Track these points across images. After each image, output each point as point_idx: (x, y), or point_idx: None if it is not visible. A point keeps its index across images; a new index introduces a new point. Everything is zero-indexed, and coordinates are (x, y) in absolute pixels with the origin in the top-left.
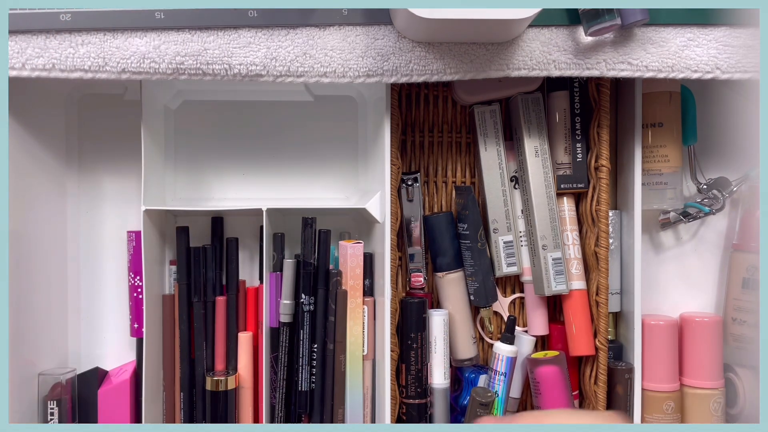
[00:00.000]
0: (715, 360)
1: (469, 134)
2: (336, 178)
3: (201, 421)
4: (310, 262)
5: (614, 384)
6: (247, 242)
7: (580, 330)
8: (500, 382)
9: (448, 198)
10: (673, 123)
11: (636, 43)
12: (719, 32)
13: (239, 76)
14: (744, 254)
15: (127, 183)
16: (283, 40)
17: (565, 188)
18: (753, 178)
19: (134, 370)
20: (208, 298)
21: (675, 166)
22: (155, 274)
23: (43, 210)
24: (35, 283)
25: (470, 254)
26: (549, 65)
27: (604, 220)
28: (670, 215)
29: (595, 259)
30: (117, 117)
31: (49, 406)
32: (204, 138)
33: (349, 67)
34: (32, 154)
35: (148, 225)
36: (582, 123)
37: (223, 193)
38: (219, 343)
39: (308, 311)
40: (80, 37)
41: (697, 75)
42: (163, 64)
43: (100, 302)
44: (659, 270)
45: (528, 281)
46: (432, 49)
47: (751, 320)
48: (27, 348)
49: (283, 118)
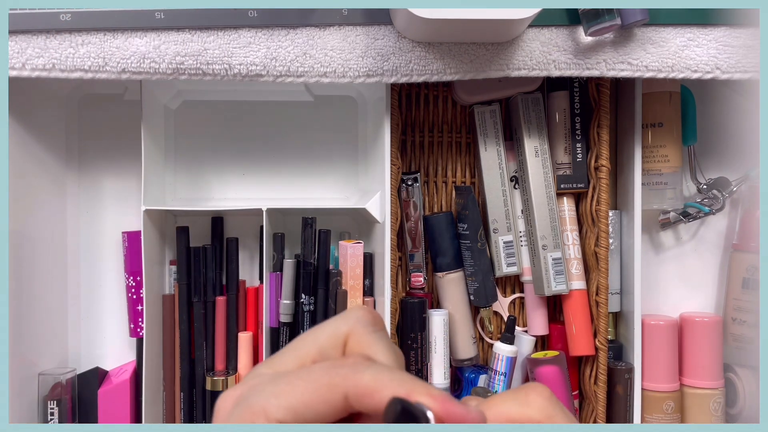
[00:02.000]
0: (715, 360)
1: (469, 134)
2: (336, 178)
3: (201, 421)
4: (310, 262)
5: (614, 384)
6: (247, 242)
7: (580, 330)
8: (500, 382)
9: (448, 198)
10: (673, 123)
11: (636, 43)
12: (719, 32)
13: (239, 76)
14: (744, 254)
15: (127, 183)
16: (283, 40)
17: (565, 188)
18: (753, 178)
19: (134, 370)
20: (208, 298)
21: (675, 166)
22: (155, 274)
23: (43, 210)
24: (35, 283)
25: (470, 254)
26: (549, 65)
27: (604, 220)
28: (670, 215)
29: (595, 259)
30: (117, 117)
31: (49, 406)
32: (204, 138)
33: (349, 67)
34: (32, 154)
35: (148, 225)
36: (582, 123)
37: (223, 193)
38: (219, 343)
39: (308, 311)
40: (80, 37)
41: (697, 75)
42: (163, 64)
43: (100, 302)
44: (659, 270)
45: (528, 281)
46: (432, 49)
47: (751, 320)
48: (27, 348)
49: (283, 118)
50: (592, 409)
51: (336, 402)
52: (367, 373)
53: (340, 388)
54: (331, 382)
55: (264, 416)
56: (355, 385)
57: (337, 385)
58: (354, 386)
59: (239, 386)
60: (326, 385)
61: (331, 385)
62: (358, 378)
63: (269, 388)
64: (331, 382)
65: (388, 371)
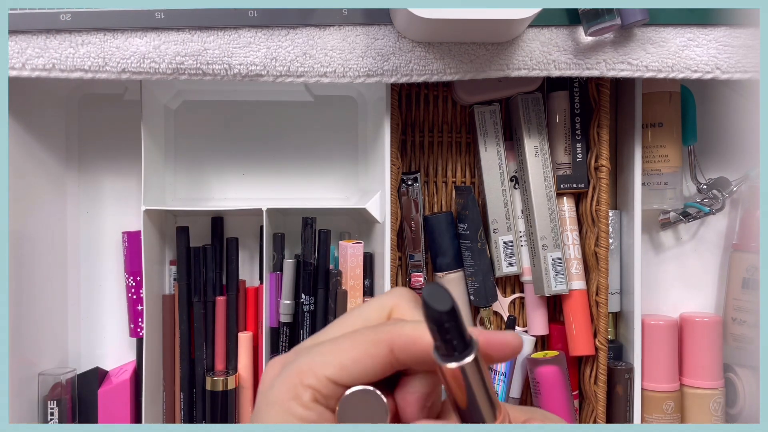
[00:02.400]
0: (715, 360)
1: (469, 134)
2: (336, 178)
3: (201, 421)
4: (310, 262)
5: (614, 384)
6: (247, 242)
7: (580, 330)
8: (500, 382)
9: (448, 198)
10: (673, 123)
11: (636, 43)
12: (719, 32)
13: (239, 76)
14: (744, 254)
15: (127, 183)
16: (283, 40)
17: (565, 188)
18: (753, 178)
19: (134, 370)
20: (208, 298)
21: (675, 166)
22: (155, 274)
23: (43, 210)
24: (35, 283)
25: (470, 254)
26: (549, 65)
27: (604, 220)
28: (670, 215)
29: (595, 259)
30: (117, 117)
31: (49, 406)
32: (204, 138)
33: (349, 67)
34: (32, 154)
35: (148, 225)
36: (582, 123)
37: (223, 193)
38: (219, 343)
39: (308, 311)
40: (80, 37)
41: (697, 75)
42: (163, 64)
43: (100, 302)
44: (659, 270)
45: (528, 281)
46: (432, 49)
47: (751, 320)
48: (27, 348)
49: (283, 118)
50: (592, 409)
51: (382, 356)
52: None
53: (385, 342)
54: (376, 338)
55: (313, 374)
56: (399, 336)
57: (382, 340)
58: (398, 337)
59: (287, 354)
60: (371, 341)
61: (376, 340)
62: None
63: (316, 349)
64: (376, 338)
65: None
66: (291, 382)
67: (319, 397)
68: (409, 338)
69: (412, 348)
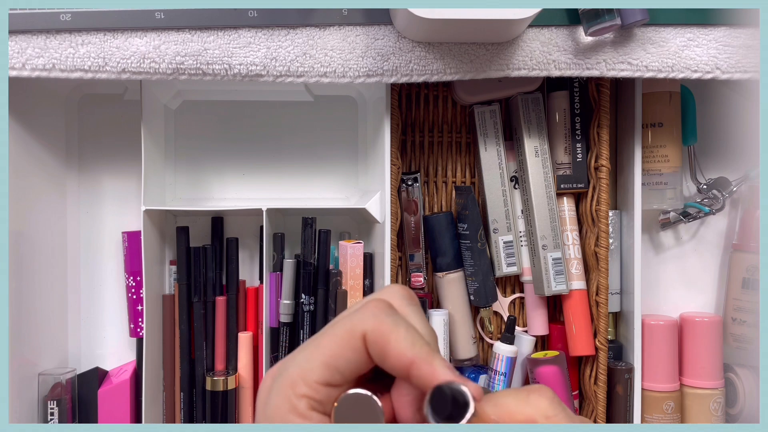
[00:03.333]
0: (715, 360)
1: (469, 134)
2: (336, 178)
3: (201, 421)
4: (310, 262)
5: (614, 384)
6: (247, 242)
7: (580, 330)
8: (500, 382)
9: (448, 198)
10: (673, 123)
11: (636, 43)
12: (719, 32)
13: (239, 76)
14: (744, 254)
15: (127, 183)
16: (283, 40)
17: (565, 188)
18: (753, 178)
19: (134, 370)
20: (208, 298)
21: (675, 166)
22: (155, 274)
23: (43, 210)
24: (35, 283)
25: (470, 254)
26: (549, 65)
27: (604, 220)
28: (670, 215)
29: (595, 259)
30: (117, 117)
31: (49, 406)
32: (204, 138)
33: (349, 67)
34: (32, 154)
35: (148, 225)
36: (582, 123)
37: (223, 193)
38: (219, 343)
39: (308, 311)
40: (80, 37)
41: (697, 75)
42: (163, 64)
43: (100, 302)
44: (659, 270)
45: (528, 281)
46: (432, 49)
47: (751, 320)
48: (27, 348)
49: (283, 118)
50: (592, 409)
51: (361, 346)
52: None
53: (359, 331)
54: (351, 327)
55: (303, 382)
56: (372, 327)
57: (356, 329)
58: (371, 328)
59: (278, 364)
60: (347, 331)
61: (351, 330)
62: (374, 321)
63: (300, 354)
64: (351, 328)
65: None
66: (285, 395)
67: (314, 404)
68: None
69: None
